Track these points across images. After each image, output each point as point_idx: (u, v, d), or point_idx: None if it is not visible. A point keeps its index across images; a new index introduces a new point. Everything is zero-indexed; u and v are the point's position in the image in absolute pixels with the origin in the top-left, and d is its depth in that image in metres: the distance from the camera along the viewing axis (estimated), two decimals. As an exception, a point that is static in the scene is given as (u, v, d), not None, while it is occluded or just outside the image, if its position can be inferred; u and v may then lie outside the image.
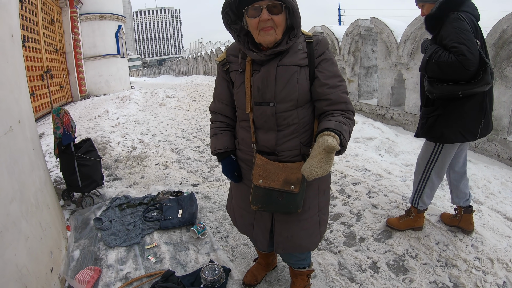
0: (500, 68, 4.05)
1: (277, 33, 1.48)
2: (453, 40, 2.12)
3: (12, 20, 2.19)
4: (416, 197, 2.65)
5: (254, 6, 1.44)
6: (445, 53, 2.15)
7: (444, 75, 2.24)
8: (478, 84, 2.19)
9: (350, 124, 1.49)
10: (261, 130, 1.65)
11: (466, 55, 2.05)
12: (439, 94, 2.30)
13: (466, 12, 2.20)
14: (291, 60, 1.54)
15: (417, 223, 2.72)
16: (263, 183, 1.61)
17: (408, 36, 5.32)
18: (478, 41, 2.17)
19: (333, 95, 1.54)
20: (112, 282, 2.28)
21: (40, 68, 8.62)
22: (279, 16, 1.45)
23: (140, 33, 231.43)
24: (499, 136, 4.11)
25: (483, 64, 2.16)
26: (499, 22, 3.94)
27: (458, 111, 2.31)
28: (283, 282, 2.24)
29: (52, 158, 4.78)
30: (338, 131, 1.37)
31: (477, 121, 2.34)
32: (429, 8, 2.38)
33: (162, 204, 3.24)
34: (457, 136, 2.35)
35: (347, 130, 1.43)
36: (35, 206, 2.09)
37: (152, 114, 8.23)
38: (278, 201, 1.61)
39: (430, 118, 2.41)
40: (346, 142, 1.39)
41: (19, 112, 2.07)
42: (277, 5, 1.43)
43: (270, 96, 1.56)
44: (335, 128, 1.38)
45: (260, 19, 1.44)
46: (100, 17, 13.36)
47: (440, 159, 2.49)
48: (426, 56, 2.29)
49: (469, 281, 2.17)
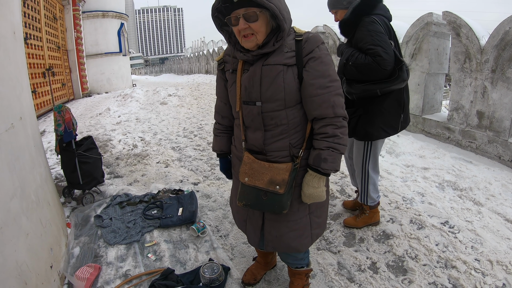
0: (502, 70, 4.04)
1: (258, 39, 1.50)
2: (368, 43, 2.24)
3: (14, 17, 2.19)
4: (364, 196, 2.74)
5: (232, 15, 1.47)
6: (362, 55, 2.28)
7: (362, 76, 2.36)
8: (395, 81, 2.33)
9: (341, 134, 1.55)
10: (250, 129, 1.68)
11: (382, 56, 2.18)
12: (358, 94, 2.42)
13: (379, 15, 2.34)
14: (277, 59, 1.53)
15: (373, 219, 2.82)
16: (249, 181, 1.64)
17: (410, 37, 5.31)
18: (392, 41, 2.31)
19: (318, 99, 1.52)
20: (111, 279, 2.29)
21: (42, 66, 8.63)
22: (256, 24, 1.46)
23: (142, 32, 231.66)
24: (500, 138, 4.10)
25: (398, 62, 2.30)
26: (501, 23, 3.93)
27: (378, 108, 2.44)
28: (282, 281, 2.24)
29: (53, 155, 4.79)
30: (315, 167, 1.57)
31: (397, 116, 2.49)
32: (342, 14, 2.50)
33: (162, 202, 3.24)
34: (380, 132, 2.48)
35: (327, 158, 1.54)
36: (36, 203, 2.09)
37: (153, 113, 8.24)
38: (262, 200, 1.64)
39: (353, 119, 2.51)
40: (331, 170, 1.57)
41: (20, 109, 2.08)
42: (252, 13, 1.44)
43: (256, 96, 1.57)
44: (313, 165, 1.57)
45: (238, 28, 1.47)
46: (102, 15, 13.35)
47: (372, 155, 2.62)
48: (343, 60, 2.41)
49: (468, 282, 2.17)
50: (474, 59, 4.36)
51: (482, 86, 4.31)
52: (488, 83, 4.21)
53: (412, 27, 5.26)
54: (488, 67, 4.18)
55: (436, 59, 5.22)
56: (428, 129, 5.26)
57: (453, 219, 2.87)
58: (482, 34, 4.28)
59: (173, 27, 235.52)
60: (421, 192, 3.39)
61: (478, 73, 4.34)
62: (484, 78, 4.25)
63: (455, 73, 4.70)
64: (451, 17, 4.56)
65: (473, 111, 4.49)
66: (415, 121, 5.49)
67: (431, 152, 4.44)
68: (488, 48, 4.12)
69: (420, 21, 5.12)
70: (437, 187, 3.53)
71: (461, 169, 3.88)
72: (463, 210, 3.03)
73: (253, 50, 1.55)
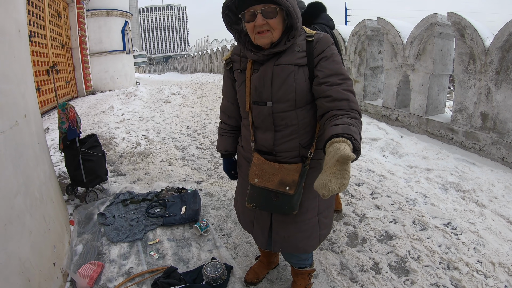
0: (506, 72, 4.03)
1: (273, 36, 1.48)
2: None
3: (19, 15, 2.20)
4: None
5: (249, 11, 1.44)
6: None
7: None
8: None
9: (357, 124, 1.31)
10: (260, 130, 1.66)
11: None
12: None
13: (321, 24, 2.39)
14: (288, 59, 1.53)
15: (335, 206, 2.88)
16: (259, 182, 1.62)
17: (414, 37, 5.30)
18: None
19: (333, 91, 1.45)
20: (114, 277, 2.30)
21: (46, 63, 8.66)
22: (274, 20, 1.44)
23: (146, 30, 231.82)
24: (504, 139, 4.08)
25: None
26: (506, 25, 3.91)
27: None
28: (284, 280, 2.25)
29: (56, 152, 4.81)
30: (348, 134, 1.19)
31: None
32: None
33: (165, 200, 3.25)
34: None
35: (356, 132, 1.24)
36: (39, 200, 2.10)
37: (157, 111, 8.25)
38: (273, 201, 1.62)
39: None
40: (359, 145, 1.20)
41: (25, 106, 2.08)
42: (271, 9, 1.42)
43: (266, 96, 1.56)
44: (344, 132, 1.20)
45: (256, 24, 1.44)
46: (106, 13, 13.37)
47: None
48: None
49: (470, 284, 2.16)
50: (478, 61, 4.34)
51: (486, 88, 4.30)
52: (492, 85, 4.19)
53: (417, 28, 5.24)
54: (492, 68, 4.16)
55: (440, 60, 5.20)
56: (432, 130, 5.24)
57: (455, 221, 2.86)
58: (486, 35, 4.26)
59: (177, 25, 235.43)
60: (424, 193, 3.38)
61: (482, 75, 4.32)
62: (488, 80, 4.24)
63: (459, 74, 4.68)
64: (455, 18, 4.54)
65: (477, 112, 4.47)
66: (419, 122, 5.48)
67: (435, 153, 4.43)
68: (492, 50, 4.10)
69: (425, 21, 5.10)
70: (440, 188, 3.52)
71: (464, 171, 3.87)
72: (466, 211, 3.02)
73: (264, 50, 1.53)
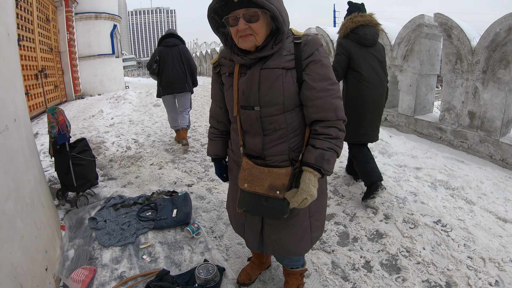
0: (493, 71, 4.11)
1: (257, 40, 1.46)
2: None
3: (8, 19, 2.19)
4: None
5: (231, 15, 1.42)
6: None
7: None
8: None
9: (337, 144, 1.52)
10: (248, 134, 1.64)
11: None
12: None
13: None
14: (275, 63, 1.50)
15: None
16: (248, 187, 1.60)
17: (402, 38, 5.37)
18: None
19: (320, 102, 1.49)
20: (107, 281, 2.28)
21: (34, 67, 8.54)
22: (256, 24, 1.42)
23: (135, 33, 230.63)
24: (492, 137, 4.16)
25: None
26: (492, 25, 3.99)
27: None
28: (277, 281, 2.26)
29: (46, 157, 4.76)
30: (318, 166, 1.49)
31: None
32: None
33: (156, 204, 3.24)
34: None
35: (330, 157, 1.50)
36: (30, 205, 2.08)
37: (146, 114, 8.20)
38: (263, 205, 1.60)
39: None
40: (329, 172, 1.52)
41: (14, 111, 2.07)
42: (253, 13, 1.40)
43: (254, 100, 1.54)
44: (316, 164, 1.49)
45: (238, 28, 1.43)
46: (95, 16, 13.27)
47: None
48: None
49: (461, 280, 2.20)
50: (465, 60, 4.42)
51: (473, 87, 4.38)
52: (479, 84, 4.27)
53: (404, 29, 5.32)
54: (479, 68, 4.24)
55: (427, 60, 5.29)
56: (420, 130, 5.31)
57: (445, 218, 2.91)
58: (473, 35, 4.34)
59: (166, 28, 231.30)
60: (414, 192, 3.43)
61: (469, 74, 4.40)
62: (475, 79, 4.32)
63: (446, 74, 4.76)
64: (442, 18, 4.62)
65: (464, 111, 4.55)
66: (407, 121, 5.54)
67: (423, 152, 4.49)
68: (479, 49, 4.18)
69: (412, 23, 5.18)
70: (429, 186, 3.57)
71: (453, 169, 3.93)
72: (455, 208, 3.07)
73: (251, 53, 1.51)
